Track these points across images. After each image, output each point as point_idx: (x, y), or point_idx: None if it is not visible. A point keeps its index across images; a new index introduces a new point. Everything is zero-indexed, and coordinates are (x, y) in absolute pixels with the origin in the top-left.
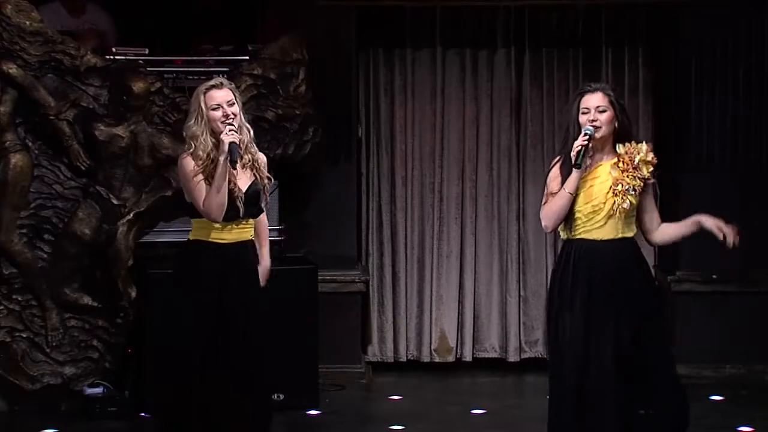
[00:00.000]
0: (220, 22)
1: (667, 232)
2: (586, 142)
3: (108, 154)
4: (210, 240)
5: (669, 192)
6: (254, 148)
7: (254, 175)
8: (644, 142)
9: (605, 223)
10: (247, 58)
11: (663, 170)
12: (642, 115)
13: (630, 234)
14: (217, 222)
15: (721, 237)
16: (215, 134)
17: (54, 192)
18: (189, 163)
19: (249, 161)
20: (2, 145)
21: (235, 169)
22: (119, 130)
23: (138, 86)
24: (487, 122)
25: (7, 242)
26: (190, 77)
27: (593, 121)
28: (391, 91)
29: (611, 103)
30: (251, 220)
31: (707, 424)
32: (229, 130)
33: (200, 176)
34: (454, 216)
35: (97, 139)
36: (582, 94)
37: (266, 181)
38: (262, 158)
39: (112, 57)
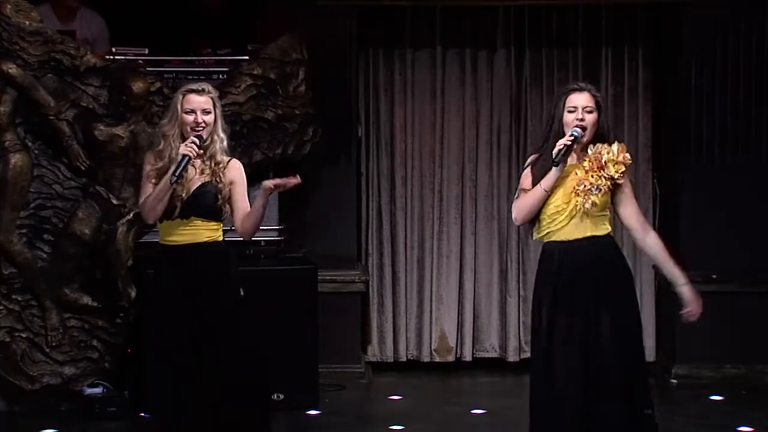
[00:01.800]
0: (220, 22)
1: (654, 255)
2: (569, 143)
3: (107, 154)
4: (164, 242)
5: (669, 192)
6: (224, 156)
7: (211, 177)
8: (617, 143)
9: (567, 223)
10: (247, 58)
11: (663, 170)
12: (642, 115)
13: (601, 232)
14: (160, 223)
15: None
16: (184, 139)
17: (54, 192)
18: (148, 161)
19: (210, 167)
20: (2, 145)
21: (173, 184)
22: (119, 130)
23: (138, 86)
24: (487, 122)
25: (7, 242)
26: (190, 77)
27: (581, 120)
28: (391, 91)
29: (597, 104)
30: (201, 222)
31: (707, 424)
32: (191, 142)
33: (153, 175)
34: (454, 216)
35: (97, 139)
36: (568, 93)
37: (226, 189)
38: (233, 165)
39: (111, 57)
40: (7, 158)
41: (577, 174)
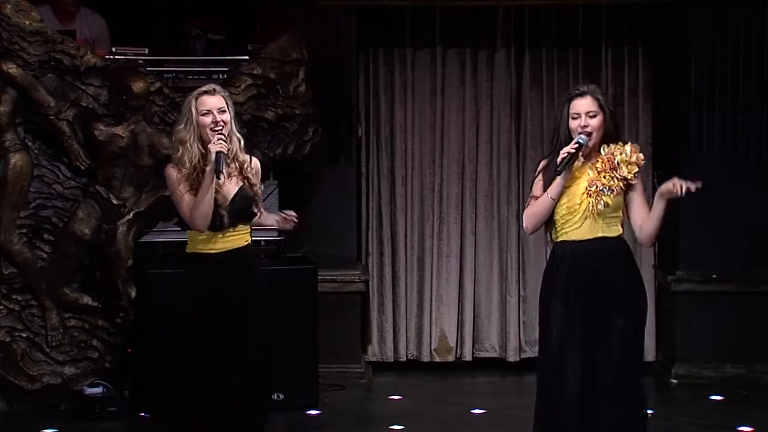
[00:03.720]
0: (220, 20)
1: (647, 223)
2: (574, 151)
3: (107, 154)
4: (201, 251)
5: None
6: (245, 156)
7: (243, 181)
8: (629, 143)
9: (582, 224)
10: (247, 57)
11: (663, 170)
12: (642, 115)
13: (612, 234)
14: (203, 232)
15: (678, 193)
16: (203, 141)
17: (54, 192)
18: (173, 173)
19: (236, 168)
20: (2, 145)
21: (219, 179)
22: (119, 130)
23: (138, 86)
24: (487, 122)
25: (7, 242)
26: (190, 77)
27: (585, 126)
28: (391, 91)
29: (601, 107)
30: (242, 227)
31: (707, 424)
32: (218, 140)
33: (185, 186)
34: (454, 216)
35: (97, 139)
36: (571, 99)
37: (256, 188)
38: (255, 164)
39: (111, 57)
40: (7, 158)
41: (589, 174)
